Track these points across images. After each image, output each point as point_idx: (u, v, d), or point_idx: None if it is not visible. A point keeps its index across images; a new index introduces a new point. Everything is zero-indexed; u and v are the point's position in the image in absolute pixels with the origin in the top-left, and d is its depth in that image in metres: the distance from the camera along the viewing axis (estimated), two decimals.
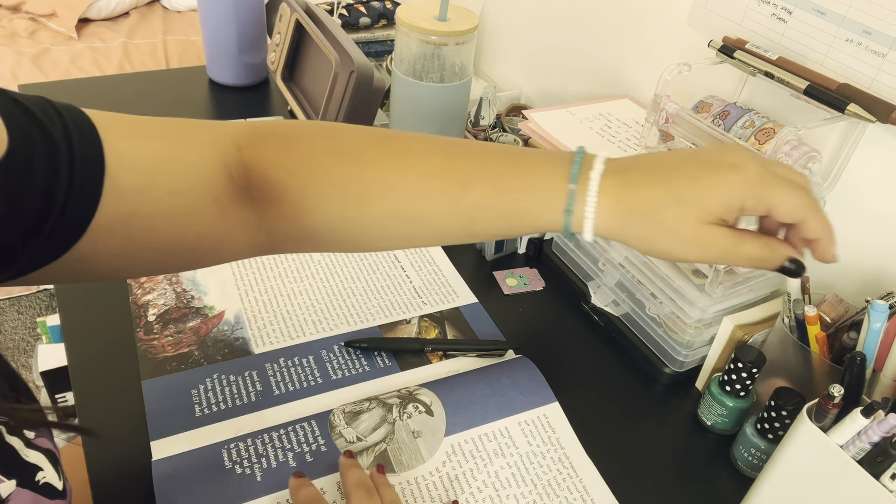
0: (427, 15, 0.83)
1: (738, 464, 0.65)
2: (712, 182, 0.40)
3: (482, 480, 0.61)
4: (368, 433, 0.62)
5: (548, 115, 0.83)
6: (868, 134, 0.65)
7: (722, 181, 0.40)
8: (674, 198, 0.40)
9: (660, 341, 0.74)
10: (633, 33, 0.91)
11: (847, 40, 0.65)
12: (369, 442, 0.62)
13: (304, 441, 0.61)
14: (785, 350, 0.65)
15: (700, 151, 0.43)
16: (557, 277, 0.86)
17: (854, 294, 0.67)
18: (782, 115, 0.72)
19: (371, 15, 1.27)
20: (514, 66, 1.17)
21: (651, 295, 0.73)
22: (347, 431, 0.62)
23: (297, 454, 0.60)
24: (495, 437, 0.64)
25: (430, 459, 0.61)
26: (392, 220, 0.45)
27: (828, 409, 0.53)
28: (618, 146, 0.79)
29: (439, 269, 0.85)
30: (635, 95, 0.91)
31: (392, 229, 0.46)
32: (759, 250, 0.42)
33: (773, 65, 0.68)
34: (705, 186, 0.40)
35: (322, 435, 0.62)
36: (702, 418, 0.70)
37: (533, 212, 0.43)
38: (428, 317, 0.78)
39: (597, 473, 0.63)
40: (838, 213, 0.70)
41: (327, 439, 0.61)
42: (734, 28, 0.75)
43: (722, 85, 0.77)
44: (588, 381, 0.73)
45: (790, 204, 0.40)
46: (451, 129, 0.89)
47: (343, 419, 0.63)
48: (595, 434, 0.67)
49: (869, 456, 0.50)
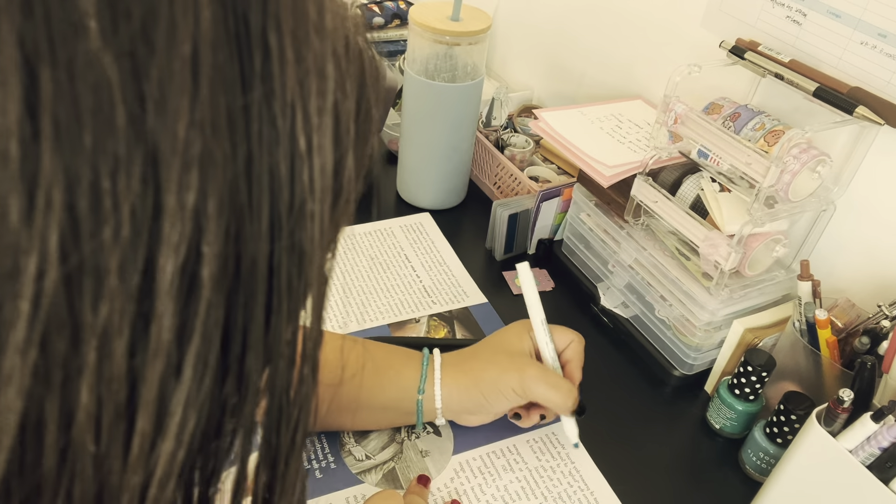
0: (440, 15, 0.84)
1: (747, 468, 0.65)
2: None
3: (491, 495, 0.61)
4: (377, 452, 0.63)
5: (559, 115, 0.83)
6: (880, 138, 0.65)
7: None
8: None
9: (669, 344, 0.74)
10: (646, 34, 0.91)
11: (862, 43, 0.65)
12: (378, 461, 0.62)
13: (313, 458, 0.62)
14: (795, 354, 0.64)
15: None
16: (567, 278, 0.86)
17: (866, 299, 0.67)
18: (795, 118, 0.71)
19: (384, 15, 1.27)
20: (526, 67, 1.17)
21: (661, 297, 0.73)
22: (357, 450, 0.63)
23: (307, 470, 0.60)
24: (503, 454, 0.64)
25: (439, 476, 0.62)
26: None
27: (837, 414, 0.53)
28: (628, 147, 0.79)
29: (449, 268, 0.85)
30: (648, 97, 0.91)
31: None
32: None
33: (784, 67, 0.67)
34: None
35: (332, 452, 0.62)
36: (710, 422, 0.69)
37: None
38: (437, 316, 0.78)
39: (608, 486, 0.62)
40: (850, 218, 0.69)
41: (337, 457, 0.62)
42: (748, 30, 0.75)
43: (735, 87, 0.77)
44: (596, 383, 0.72)
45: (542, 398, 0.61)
46: (462, 129, 0.89)
47: (352, 437, 0.64)
48: (603, 436, 0.67)
49: (878, 461, 0.50)
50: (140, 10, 0.16)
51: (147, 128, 0.16)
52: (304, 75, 0.19)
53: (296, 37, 0.19)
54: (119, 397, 0.18)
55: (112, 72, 0.16)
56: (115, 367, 0.17)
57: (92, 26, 0.15)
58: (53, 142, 0.15)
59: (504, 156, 0.95)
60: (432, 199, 0.95)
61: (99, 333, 0.17)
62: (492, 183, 0.99)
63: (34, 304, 0.16)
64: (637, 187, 0.72)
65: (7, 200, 0.15)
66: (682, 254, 0.71)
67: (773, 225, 0.66)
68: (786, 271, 0.72)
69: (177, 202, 0.17)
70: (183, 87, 0.17)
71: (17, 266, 0.15)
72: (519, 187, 0.92)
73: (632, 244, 0.75)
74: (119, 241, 0.16)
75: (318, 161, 0.20)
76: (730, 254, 0.64)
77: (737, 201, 0.67)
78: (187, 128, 0.17)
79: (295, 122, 0.19)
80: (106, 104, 0.16)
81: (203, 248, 0.18)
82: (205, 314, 0.18)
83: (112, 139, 0.16)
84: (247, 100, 0.18)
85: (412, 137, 0.90)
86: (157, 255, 0.17)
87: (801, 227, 0.71)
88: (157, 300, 0.17)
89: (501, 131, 1.00)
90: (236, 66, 0.18)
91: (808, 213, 0.68)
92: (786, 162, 0.61)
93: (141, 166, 0.16)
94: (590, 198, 0.81)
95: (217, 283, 0.19)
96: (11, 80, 0.15)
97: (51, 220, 0.15)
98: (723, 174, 0.67)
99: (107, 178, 0.16)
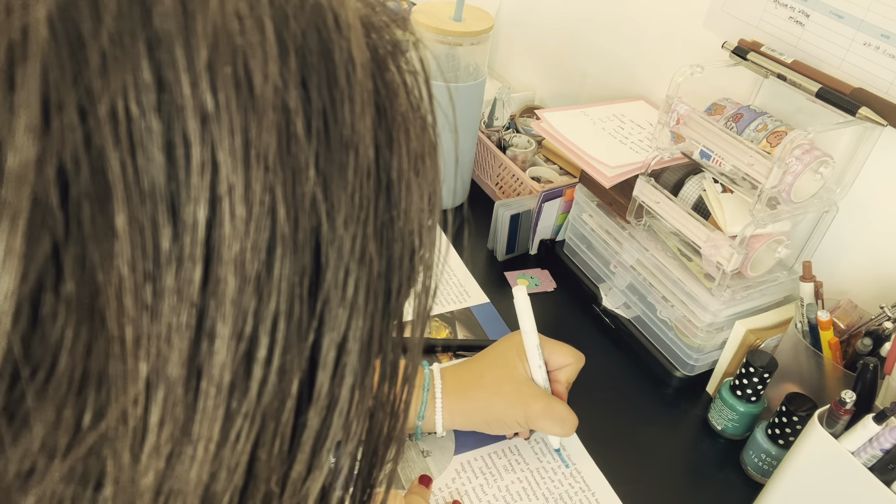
0: (442, 15, 0.84)
1: (748, 469, 0.65)
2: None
3: (492, 495, 0.61)
4: None
5: (561, 116, 0.83)
6: (883, 139, 0.65)
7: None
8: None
9: (671, 345, 0.74)
10: (648, 35, 0.90)
11: (864, 44, 0.64)
12: None
13: None
14: (797, 355, 0.64)
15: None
16: (569, 279, 0.86)
17: (869, 301, 0.67)
18: (798, 119, 0.71)
19: None
20: (528, 68, 1.17)
21: (662, 298, 0.73)
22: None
23: None
24: (505, 454, 0.64)
25: (440, 476, 0.62)
26: None
27: (839, 416, 0.53)
28: (630, 147, 0.79)
29: (451, 268, 0.85)
30: (650, 97, 0.91)
31: None
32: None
33: (786, 67, 0.67)
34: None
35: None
36: (712, 423, 0.69)
37: None
38: (439, 316, 0.78)
39: (609, 487, 0.62)
40: (852, 219, 0.69)
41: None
42: (751, 31, 0.75)
43: (737, 88, 0.77)
44: (598, 384, 0.72)
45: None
46: (464, 129, 0.89)
47: None
48: (604, 437, 0.67)
49: (880, 463, 0.50)
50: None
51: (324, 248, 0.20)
52: (420, 189, 0.23)
53: (414, 169, 0.23)
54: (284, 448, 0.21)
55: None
56: (281, 427, 0.21)
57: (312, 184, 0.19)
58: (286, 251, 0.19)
59: (506, 156, 0.95)
60: None
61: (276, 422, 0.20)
62: (494, 183, 0.98)
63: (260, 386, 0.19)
64: (639, 188, 0.72)
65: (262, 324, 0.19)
66: (684, 255, 0.71)
67: (776, 226, 0.65)
68: (788, 272, 0.72)
69: (342, 294, 0.20)
70: (355, 210, 0.20)
71: (256, 336, 0.18)
72: (521, 188, 0.92)
73: (634, 245, 0.75)
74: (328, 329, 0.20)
75: (428, 241, 0.25)
76: (732, 255, 0.64)
77: (739, 202, 0.67)
78: (353, 238, 0.20)
79: (413, 234, 0.23)
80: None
81: (349, 335, 0.21)
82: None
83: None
84: (385, 219, 0.22)
85: None
86: (322, 337, 0.21)
87: (803, 228, 0.71)
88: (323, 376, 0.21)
89: (503, 131, 1.00)
90: (381, 200, 0.21)
91: (810, 214, 0.68)
92: (788, 163, 0.61)
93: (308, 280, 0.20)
94: (592, 198, 0.81)
95: (355, 368, 0.22)
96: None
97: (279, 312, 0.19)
98: (725, 175, 0.67)
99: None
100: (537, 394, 0.61)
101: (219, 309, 0.17)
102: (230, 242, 0.17)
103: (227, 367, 0.18)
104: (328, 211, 0.19)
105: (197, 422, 0.18)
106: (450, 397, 0.62)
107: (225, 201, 0.17)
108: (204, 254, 0.17)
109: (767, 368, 0.63)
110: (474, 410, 0.61)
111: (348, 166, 0.20)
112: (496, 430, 0.63)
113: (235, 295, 0.17)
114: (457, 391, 0.62)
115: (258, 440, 0.20)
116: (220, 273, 0.17)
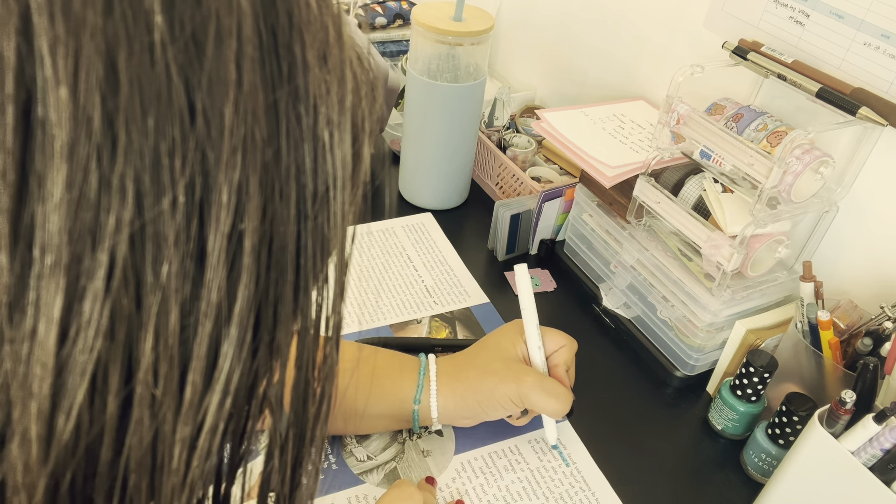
0: (443, 15, 0.84)
1: (748, 469, 0.65)
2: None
3: (493, 495, 0.61)
4: (378, 452, 0.63)
5: (561, 116, 0.83)
6: (883, 139, 0.65)
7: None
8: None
9: (671, 344, 0.74)
10: (649, 35, 0.91)
11: (865, 44, 0.64)
12: (379, 461, 0.62)
13: None
14: (797, 355, 0.64)
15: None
16: (569, 279, 0.86)
17: (868, 300, 0.67)
18: (798, 119, 0.71)
19: (387, 15, 1.27)
20: (528, 68, 1.17)
21: (663, 298, 0.73)
22: (358, 450, 0.63)
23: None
24: (505, 454, 0.64)
25: (440, 476, 0.62)
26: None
27: (839, 415, 0.53)
28: (630, 147, 0.79)
29: (451, 268, 0.85)
30: (650, 97, 0.91)
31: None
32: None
33: (787, 67, 0.67)
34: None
35: (334, 453, 0.62)
36: (712, 423, 0.69)
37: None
38: (439, 317, 0.78)
39: (609, 487, 0.62)
40: (852, 219, 0.69)
41: (338, 457, 0.62)
42: (751, 31, 0.75)
43: (737, 88, 0.77)
44: (598, 384, 0.73)
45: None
46: (464, 129, 0.89)
47: (354, 438, 0.64)
48: (604, 437, 0.67)
49: (880, 463, 0.50)
50: (196, 14, 0.19)
51: (199, 113, 0.19)
52: (326, 79, 0.22)
53: (316, 47, 0.22)
54: (174, 352, 0.20)
55: (172, 64, 0.18)
56: (171, 324, 0.20)
57: (159, 22, 0.18)
58: (126, 123, 0.18)
59: (506, 156, 0.95)
60: (434, 199, 0.95)
61: (159, 292, 0.19)
62: (494, 183, 0.99)
63: (111, 258, 0.18)
64: (639, 188, 0.72)
65: (89, 164, 0.17)
66: (685, 254, 0.71)
67: (776, 226, 0.65)
68: (788, 272, 0.72)
69: (224, 179, 0.20)
70: (229, 79, 0.19)
71: (98, 221, 0.18)
72: (521, 187, 0.92)
73: (634, 245, 0.75)
74: (176, 210, 0.19)
75: (338, 153, 0.23)
76: (732, 255, 0.64)
77: (739, 202, 0.67)
78: (233, 114, 0.19)
79: (318, 120, 0.22)
80: (165, 91, 0.18)
81: (245, 222, 0.20)
82: (247, 281, 0.21)
83: (170, 123, 0.18)
84: (277, 97, 0.21)
85: (414, 137, 0.91)
86: (208, 224, 0.20)
87: (803, 228, 0.71)
88: (207, 265, 0.20)
89: (504, 131, 1.00)
90: (268, 69, 0.20)
91: (810, 214, 0.68)
92: (788, 163, 0.61)
93: (194, 149, 0.19)
94: (592, 198, 0.81)
95: (256, 255, 0.21)
96: (96, 64, 0.17)
97: (127, 185, 0.18)
98: (725, 175, 0.67)
99: (166, 157, 0.18)
100: (529, 369, 0.62)
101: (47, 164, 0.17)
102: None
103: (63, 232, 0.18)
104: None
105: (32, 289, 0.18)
106: (444, 379, 0.62)
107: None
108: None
109: (767, 368, 0.64)
110: (467, 390, 0.61)
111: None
112: (490, 411, 0.62)
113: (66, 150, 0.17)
114: (450, 373, 0.62)
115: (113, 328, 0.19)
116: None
